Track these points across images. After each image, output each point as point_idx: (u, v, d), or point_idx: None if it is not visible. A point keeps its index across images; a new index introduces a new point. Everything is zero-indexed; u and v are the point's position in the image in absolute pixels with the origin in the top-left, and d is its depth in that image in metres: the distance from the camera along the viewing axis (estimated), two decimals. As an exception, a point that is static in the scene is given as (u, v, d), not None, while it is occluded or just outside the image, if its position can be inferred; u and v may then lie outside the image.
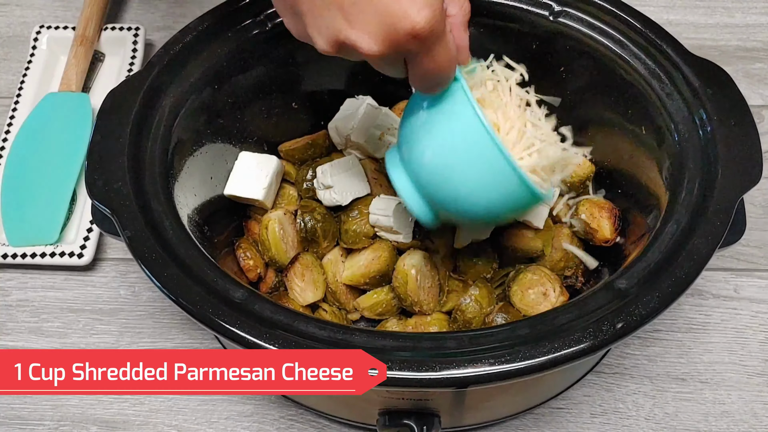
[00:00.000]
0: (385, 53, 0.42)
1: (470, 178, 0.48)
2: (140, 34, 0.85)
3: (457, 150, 0.48)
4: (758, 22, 0.90)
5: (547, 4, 0.62)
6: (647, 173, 0.59)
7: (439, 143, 0.48)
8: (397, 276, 0.59)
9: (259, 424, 0.64)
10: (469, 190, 0.48)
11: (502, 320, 0.59)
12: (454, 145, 0.48)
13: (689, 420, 0.64)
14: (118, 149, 0.53)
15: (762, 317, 0.68)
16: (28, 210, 0.73)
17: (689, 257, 0.47)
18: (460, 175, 0.48)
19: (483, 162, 0.47)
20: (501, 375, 0.43)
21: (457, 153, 0.48)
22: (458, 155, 0.48)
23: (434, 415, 0.55)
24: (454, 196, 0.49)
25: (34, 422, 0.64)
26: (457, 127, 0.47)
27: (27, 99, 0.81)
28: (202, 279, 0.48)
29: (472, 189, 0.48)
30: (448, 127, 0.48)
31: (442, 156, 0.48)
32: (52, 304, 0.71)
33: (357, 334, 0.46)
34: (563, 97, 0.67)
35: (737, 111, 0.54)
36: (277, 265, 0.63)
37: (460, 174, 0.48)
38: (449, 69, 0.45)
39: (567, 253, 0.62)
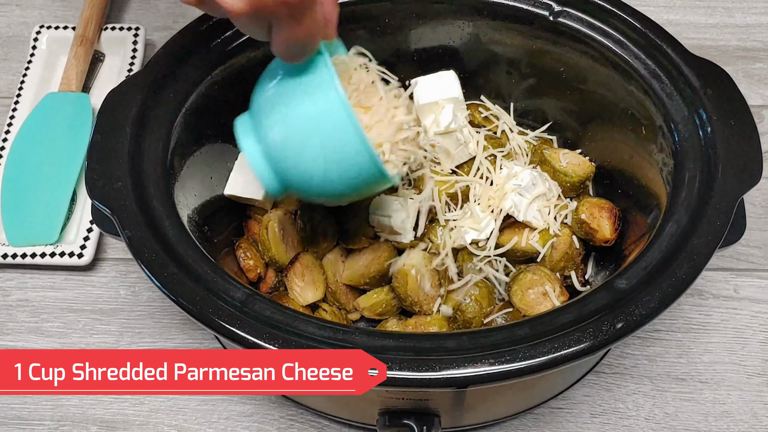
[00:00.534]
0: (249, 13, 0.41)
1: (322, 149, 0.47)
2: (140, 34, 0.85)
3: (311, 120, 0.47)
4: (758, 22, 0.90)
5: (547, 4, 0.62)
6: (647, 173, 0.59)
7: (295, 112, 0.47)
8: (397, 276, 0.59)
9: (259, 424, 0.64)
10: (319, 161, 0.48)
11: (502, 320, 0.59)
12: (309, 114, 0.47)
13: (689, 420, 0.64)
14: (118, 149, 0.53)
15: (762, 317, 0.68)
16: (28, 210, 0.73)
17: (689, 257, 0.47)
18: (312, 145, 0.47)
19: (336, 135, 0.47)
20: (501, 375, 0.43)
21: (310, 123, 0.47)
22: (312, 125, 0.47)
23: (434, 415, 0.55)
24: (304, 166, 0.48)
25: (34, 422, 0.64)
26: (314, 98, 0.47)
27: (27, 99, 0.81)
28: (202, 279, 0.48)
29: (322, 161, 0.48)
30: (305, 97, 0.47)
31: (295, 125, 0.47)
32: (52, 304, 0.71)
33: (357, 334, 0.46)
34: (563, 98, 0.67)
35: (737, 111, 0.54)
36: (277, 265, 0.63)
37: (313, 144, 0.47)
38: (314, 39, 0.45)
39: (567, 253, 0.62)
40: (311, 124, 0.47)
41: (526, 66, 0.67)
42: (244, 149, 0.50)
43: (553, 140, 0.70)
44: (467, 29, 0.66)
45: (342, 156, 0.47)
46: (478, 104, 0.70)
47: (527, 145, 0.68)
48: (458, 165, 0.64)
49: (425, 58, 0.69)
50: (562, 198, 0.65)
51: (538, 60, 0.65)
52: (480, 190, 0.63)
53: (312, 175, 0.48)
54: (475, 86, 0.70)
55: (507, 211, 0.61)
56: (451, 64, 0.68)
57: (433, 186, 0.62)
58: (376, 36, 0.66)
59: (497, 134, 0.68)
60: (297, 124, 0.47)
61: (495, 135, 0.67)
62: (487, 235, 0.61)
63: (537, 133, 0.70)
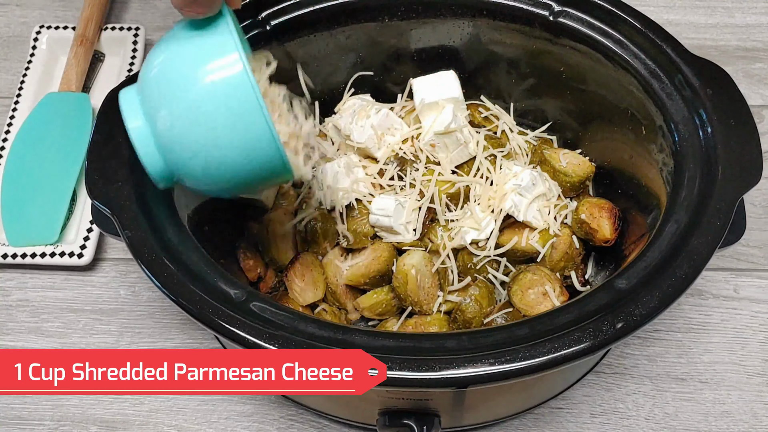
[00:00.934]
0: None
1: (221, 128, 0.43)
2: (140, 34, 0.85)
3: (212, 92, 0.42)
4: (758, 22, 0.90)
5: (547, 4, 0.62)
6: (647, 173, 0.59)
7: (192, 83, 0.43)
8: (397, 276, 0.59)
9: (259, 424, 0.64)
10: (216, 142, 0.43)
11: (502, 320, 0.59)
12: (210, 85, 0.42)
13: (689, 420, 0.64)
14: (118, 149, 0.53)
15: (762, 317, 0.68)
16: (28, 210, 0.73)
17: (689, 257, 0.47)
18: (210, 123, 0.43)
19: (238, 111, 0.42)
20: (501, 375, 0.43)
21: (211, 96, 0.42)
22: (212, 99, 0.42)
23: (434, 415, 0.55)
24: (199, 147, 0.43)
25: (34, 422, 0.64)
26: (213, 66, 0.43)
27: (27, 99, 0.81)
28: (202, 279, 0.48)
29: (220, 142, 0.43)
30: (205, 65, 0.43)
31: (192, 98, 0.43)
32: (52, 304, 0.71)
33: (357, 334, 0.46)
34: (563, 98, 0.67)
35: (737, 111, 0.54)
36: (277, 265, 0.63)
37: (211, 123, 0.42)
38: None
39: (567, 253, 0.62)
40: (212, 98, 0.42)
41: (526, 66, 0.67)
42: (128, 127, 0.44)
43: (553, 140, 0.70)
44: (467, 29, 0.66)
45: (243, 137, 0.43)
46: (478, 104, 0.70)
47: (527, 145, 0.68)
48: (458, 165, 0.64)
49: (425, 58, 0.69)
50: (562, 198, 0.65)
51: (538, 60, 0.65)
52: (480, 190, 0.63)
53: (207, 159, 0.44)
54: (475, 86, 0.70)
55: (507, 211, 0.61)
56: (451, 64, 0.68)
57: (433, 186, 0.62)
58: (376, 36, 0.66)
59: (497, 134, 0.68)
60: (194, 97, 0.43)
61: (495, 135, 0.67)
62: (487, 235, 0.61)
63: (537, 133, 0.70)
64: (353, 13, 0.64)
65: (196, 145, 0.43)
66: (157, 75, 0.44)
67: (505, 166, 0.64)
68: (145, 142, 0.44)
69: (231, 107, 0.43)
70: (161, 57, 0.45)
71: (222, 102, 0.43)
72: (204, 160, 0.44)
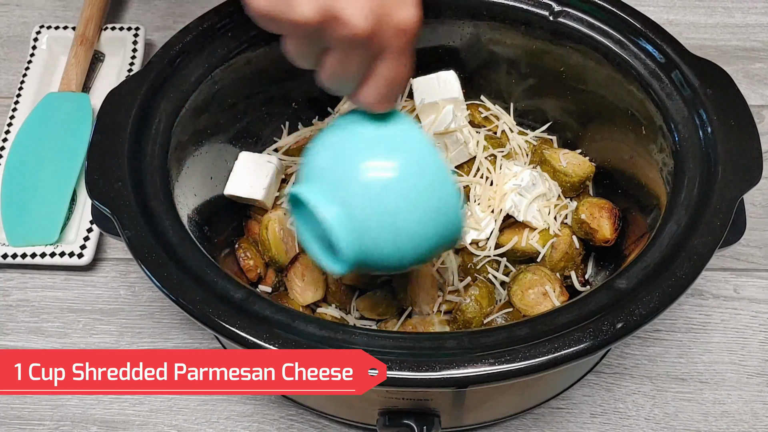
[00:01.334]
0: (367, 34, 0.38)
1: (417, 207, 0.44)
2: (140, 34, 0.85)
3: (406, 176, 0.44)
4: (758, 22, 0.90)
5: (547, 4, 0.62)
6: (647, 173, 0.59)
7: (385, 168, 0.44)
8: (397, 276, 0.59)
9: (259, 424, 0.64)
10: (413, 220, 0.44)
11: (502, 320, 0.59)
12: (404, 170, 0.44)
13: (689, 420, 0.64)
14: (118, 149, 0.53)
15: (762, 317, 0.68)
16: (28, 210, 0.73)
17: (689, 257, 0.47)
18: (406, 202, 0.44)
19: (434, 191, 0.44)
20: (501, 375, 0.43)
21: (406, 178, 0.44)
22: (406, 181, 0.44)
23: (434, 415, 0.55)
24: (394, 225, 0.44)
25: (34, 422, 0.64)
26: (408, 152, 0.44)
27: (27, 99, 0.81)
28: (202, 279, 0.48)
29: (416, 219, 0.44)
30: (395, 152, 0.44)
31: (387, 181, 0.44)
32: (52, 304, 0.71)
33: (357, 334, 0.46)
34: (563, 98, 0.67)
35: (737, 111, 0.54)
36: (277, 265, 0.63)
37: (407, 201, 0.44)
38: (406, 81, 0.43)
39: (567, 253, 0.62)
40: (406, 180, 0.44)
41: (526, 66, 0.67)
42: (325, 218, 0.44)
43: (553, 140, 0.70)
44: (467, 29, 0.66)
45: (436, 213, 0.44)
46: (478, 104, 0.70)
47: (527, 145, 0.68)
48: (458, 165, 0.64)
49: (425, 58, 0.68)
50: (562, 198, 0.65)
51: (538, 60, 0.65)
52: (480, 190, 0.63)
53: (399, 237, 0.44)
54: (475, 86, 0.70)
55: (507, 211, 0.61)
56: (451, 64, 0.67)
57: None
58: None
59: (497, 134, 0.68)
60: (388, 180, 0.44)
61: (495, 135, 0.67)
62: (487, 235, 0.61)
63: (537, 133, 0.70)
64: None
65: (395, 224, 0.44)
66: (345, 168, 0.45)
67: (505, 166, 0.64)
68: (344, 228, 0.44)
69: (432, 199, 0.44)
70: (344, 150, 0.45)
71: (420, 182, 0.44)
72: (398, 238, 0.45)
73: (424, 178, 0.44)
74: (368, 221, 0.44)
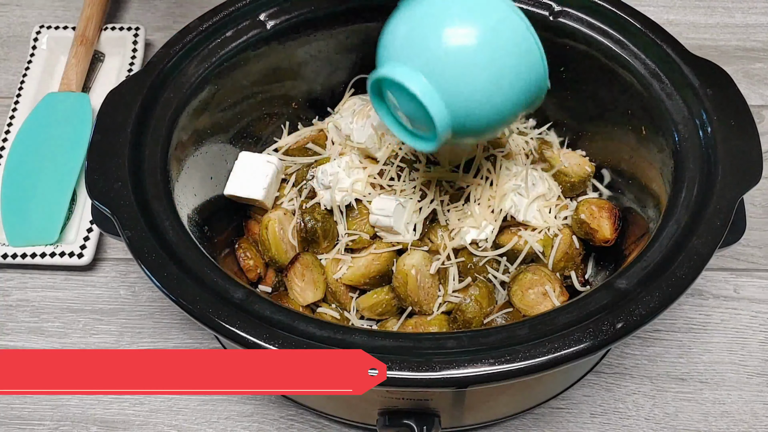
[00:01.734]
0: None
1: (501, 63, 0.46)
2: (140, 34, 0.85)
3: (488, 33, 0.46)
4: (758, 22, 0.90)
5: (547, 4, 0.62)
6: (647, 173, 0.59)
7: (465, 31, 0.46)
8: (397, 276, 0.59)
9: (259, 424, 0.64)
10: (497, 76, 0.46)
11: (502, 320, 0.59)
12: (486, 28, 0.46)
13: (689, 420, 0.64)
14: (118, 149, 0.53)
15: (762, 317, 0.68)
16: (28, 210, 0.73)
17: (689, 257, 0.47)
18: (491, 60, 0.46)
19: (516, 45, 0.46)
20: (501, 375, 0.43)
21: (488, 37, 0.46)
22: (489, 38, 0.46)
23: (434, 415, 0.55)
24: (481, 85, 0.46)
25: (34, 422, 0.64)
26: (489, 14, 0.46)
27: (27, 99, 0.81)
28: (202, 279, 0.48)
29: (500, 75, 0.46)
30: (477, 15, 0.46)
31: (470, 43, 0.45)
32: (52, 304, 0.71)
33: (357, 334, 0.46)
34: (563, 98, 0.67)
35: (737, 111, 0.54)
36: (277, 265, 0.63)
37: (492, 59, 0.45)
38: None
39: (567, 253, 0.62)
40: (489, 38, 0.45)
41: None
42: (416, 88, 0.46)
43: (553, 140, 0.70)
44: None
45: (520, 66, 0.46)
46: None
47: (527, 145, 0.68)
48: (458, 165, 0.64)
49: (425, 58, 0.68)
50: (562, 198, 0.65)
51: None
52: (480, 190, 0.63)
53: (487, 95, 0.46)
54: (475, 86, 0.70)
55: (507, 211, 0.61)
56: (451, 64, 0.67)
57: (433, 186, 0.62)
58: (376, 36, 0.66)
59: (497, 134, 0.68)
60: (472, 42, 0.45)
61: (495, 135, 0.67)
62: (487, 235, 0.61)
63: (537, 133, 0.70)
64: (353, 13, 0.64)
65: (484, 87, 0.46)
66: (425, 35, 0.46)
67: (505, 166, 0.64)
68: (434, 98, 0.46)
69: (514, 52, 0.46)
70: (421, 20, 0.47)
71: (507, 49, 0.46)
72: (484, 104, 0.46)
73: (506, 38, 0.46)
74: (457, 87, 0.46)
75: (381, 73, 0.47)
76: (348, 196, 0.62)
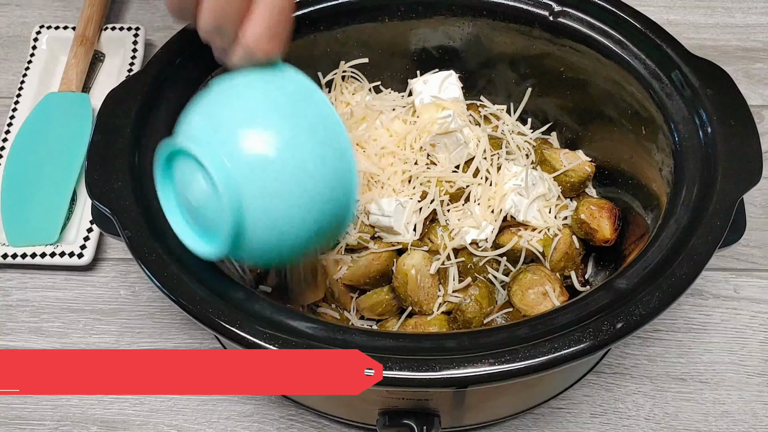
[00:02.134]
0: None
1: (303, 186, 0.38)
2: (140, 34, 0.85)
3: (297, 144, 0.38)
4: (758, 22, 0.90)
5: (547, 4, 0.62)
6: (647, 173, 0.59)
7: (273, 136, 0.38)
8: (397, 276, 0.59)
9: (259, 424, 0.64)
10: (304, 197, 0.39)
11: (502, 320, 0.59)
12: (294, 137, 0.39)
13: (689, 420, 0.64)
14: (118, 149, 0.53)
15: (762, 317, 0.68)
16: (28, 210, 0.73)
17: (689, 257, 0.47)
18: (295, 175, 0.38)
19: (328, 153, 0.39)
20: (501, 375, 0.43)
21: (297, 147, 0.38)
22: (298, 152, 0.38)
23: (434, 415, 0.55)
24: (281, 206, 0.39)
25: (34, 422, 0.64)
26: (302, 116, 0.39)
27: (27, 99, 0.81)
28: (202, 279, 0.48)
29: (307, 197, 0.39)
30: (288, 115, 0.39)
31: (272, 154, 0.38)
32: (52, 304, 0.71)
33: (357, 334, 0.46)
34: (563, 98, 0.67)
35: (737, 111, 0.54)
36: (277, 265, 0.63)
37: (297, 174, 0.38)
38: (292, 12, 0.39)
39: (567, 253, 0.62)
40: (296, 152, 0.38)
41: (526, 66, 0.67)
42: (209, 164, 0.38)
43: (553, 140, 0.70)
44: (467, 29, 0.66)
45: (329, 200, 0.39)
46: (478, 104, 0.70)
47: (527, 145, 0.68)
48: (458, 165, 0.64)
49: (425, 58, 0.69)
50: (562, 198, 0.65)
51: (538, 60, 0.65)
52: (480, 190, 0.63)
53: (287, 220, 0.39)
54: (475, 86, 0.70)
55: (507, 211, 0.61)
56: (451, 64, 0.68)
57: (433, 186, 0.62)
58: (375, 36, 0.66)
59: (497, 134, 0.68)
60: (274, 154, 0.38)
61: (495, 135, 0.67)
62: (487, 235, 0.61)
63: (537, 133, 0.70)
64: (353, 13, 0.64)
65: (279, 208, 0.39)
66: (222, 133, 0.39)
67: (505, 166, 0.64)
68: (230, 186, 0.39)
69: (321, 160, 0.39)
70: (221, 113, 0.40)
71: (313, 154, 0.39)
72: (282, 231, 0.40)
73: (318, 146, 0.39)
74: (251, 194, 0.39)
75: (179, 142, 0.40)
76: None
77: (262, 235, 0.40)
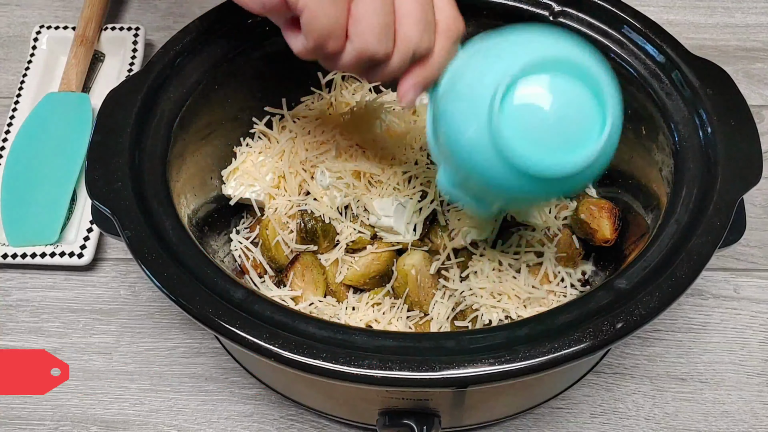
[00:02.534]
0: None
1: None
2: (140, 34, 0.85)
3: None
4: (758, 22, 0.90)
5: (547, 4, 0.62)
6: (647, 173, 0.59)
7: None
8: (397, 276, 0.59)
9: (259, 424, 0.64)
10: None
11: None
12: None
13: (689, 420, 0.64)
14: (118, 149, 0.53)
15: (762, 317, 0.68)
16: (28, 210, 0.73)
17: (689, 257, 0.47)
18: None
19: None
20: (501, 375, 0.43)
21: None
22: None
23: (434, 415, 0.55)
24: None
25: (34, 422, 0.64)
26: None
27: (27, 99, 0.81)
28: (202, 279, 0.48)
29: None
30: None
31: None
32: (52, 304, 0.71)
33: (357, 334, 0.46)
34: (563, 97, 0.67)
35: (737, 111, 0.54)
36: (277, 265, 0.63)
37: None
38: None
39: (567, 254, 0.62)
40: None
41: (526, 66, 0.67)
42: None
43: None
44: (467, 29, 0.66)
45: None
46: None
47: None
48: (458, 165, 0.64)
49: (425, 58, 0.68)
50: (562, 198, 0.65)
51: (538, 60, 0.65)
52: (480, 190, 0.63)
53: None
54: (475, 86, 0.70)
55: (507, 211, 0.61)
56: (451, 64, 0.67)
57: (433, 186, 0.62)
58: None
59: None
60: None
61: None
62: (487, 235, 0.61)
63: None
64: (353, 13, 0.64)
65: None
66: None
67: (505, 166, 0.64)
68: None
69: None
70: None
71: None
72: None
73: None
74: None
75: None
76: (348, 196, 0.62)
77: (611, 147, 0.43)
